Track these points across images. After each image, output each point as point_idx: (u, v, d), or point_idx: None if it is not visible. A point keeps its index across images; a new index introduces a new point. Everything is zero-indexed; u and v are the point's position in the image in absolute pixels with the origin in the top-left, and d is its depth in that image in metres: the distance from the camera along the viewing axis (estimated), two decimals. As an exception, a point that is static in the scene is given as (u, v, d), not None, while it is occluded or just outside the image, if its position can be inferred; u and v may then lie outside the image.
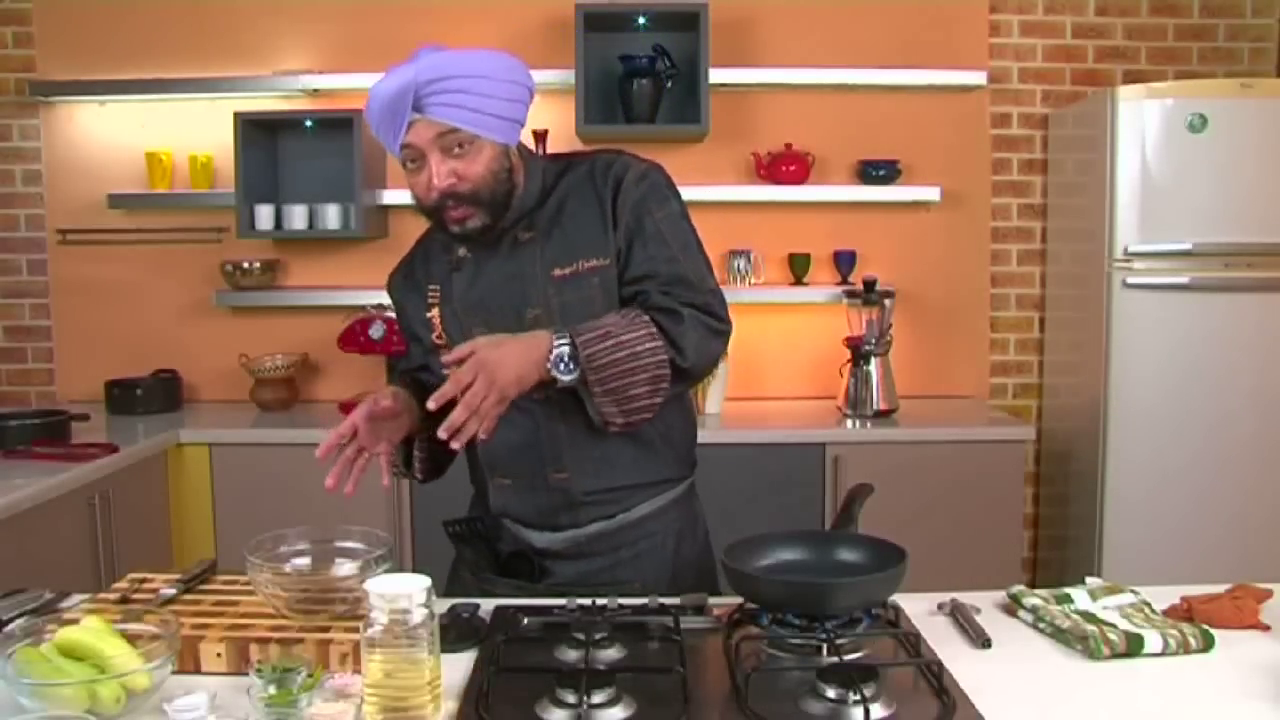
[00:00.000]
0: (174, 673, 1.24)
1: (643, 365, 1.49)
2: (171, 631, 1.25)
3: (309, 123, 3.49)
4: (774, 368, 3.66)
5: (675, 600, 1.50)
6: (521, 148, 1.64)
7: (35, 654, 1.19)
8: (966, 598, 1.54)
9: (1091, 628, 1.38)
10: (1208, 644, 1.37)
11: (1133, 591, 1.54)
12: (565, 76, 3.34)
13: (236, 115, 3.33)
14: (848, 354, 3.35)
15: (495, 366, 1.41)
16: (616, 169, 1.62)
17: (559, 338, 1.47)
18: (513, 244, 1.62)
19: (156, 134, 3.58)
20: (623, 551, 1.66)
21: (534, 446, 1.62)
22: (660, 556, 1.68)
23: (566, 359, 1.46)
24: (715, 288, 1.61)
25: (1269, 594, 1.50)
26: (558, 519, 1.65)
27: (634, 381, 1.50)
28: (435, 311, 1.67)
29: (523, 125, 1.59)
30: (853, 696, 1.16)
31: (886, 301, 3.35)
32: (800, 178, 3.49)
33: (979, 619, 1.46)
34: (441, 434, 1.41)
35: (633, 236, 1.58)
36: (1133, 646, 1.35)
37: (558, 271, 1.59)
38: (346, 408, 3.31)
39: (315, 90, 3.50)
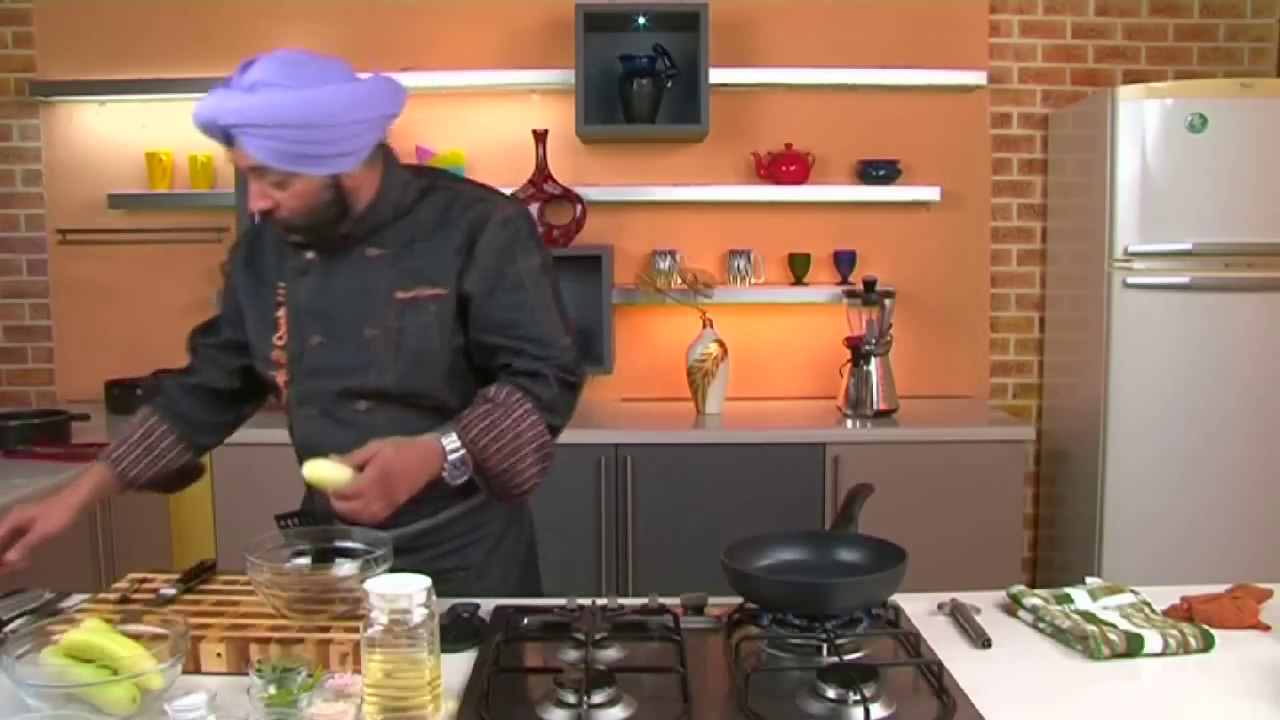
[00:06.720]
0: (174, 673, 1.24)
1: (526, 442, 1.52)
2: (180, 631, 1.25)
3: (309, 123, 3.48)
4: (774, 368, 3.66)
5: (675, 600, 1.50)
6: (387, 156, 1.59)
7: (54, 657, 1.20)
8: (966, 598, 1.55)
9: (1091, 628, 1.38)
10: (1208, 644, 1.37)
11: (1133, 591, 1.54)
12: (565, 76, 3.34)
13: (236, 115, 3.33)
14: (848, 354, 3.35)
15: (396, 480, 1.43)
16: (481, 209, 1.60)
17: (451, 442, 1.48)
18: (362, 258, 1.59)
19: (156, 134, 3.57)
20: (446, 545, 1.66)
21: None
22: (484, 547, 1.70)
23: (459, 463, 1.49)
24: (568, 344, 1.61)
25: (1269, 594, 1.51)
26: (384, 523, 1.58)
27: (521, 459, 1.53)
28: (282, 313, 1.62)
29: (373, 147, 1.53)
30: (853, 696, 1.16)
31: (886, 301, 3.35)
32: (800, 178, 3.49)
33: (979, 619, 1.47)
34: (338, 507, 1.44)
35: (494, 282, 1.57)
36: (1133, 646, 1.35)
37: (400, 294, 1.57)
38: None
39: (315, 90, 3.49)
